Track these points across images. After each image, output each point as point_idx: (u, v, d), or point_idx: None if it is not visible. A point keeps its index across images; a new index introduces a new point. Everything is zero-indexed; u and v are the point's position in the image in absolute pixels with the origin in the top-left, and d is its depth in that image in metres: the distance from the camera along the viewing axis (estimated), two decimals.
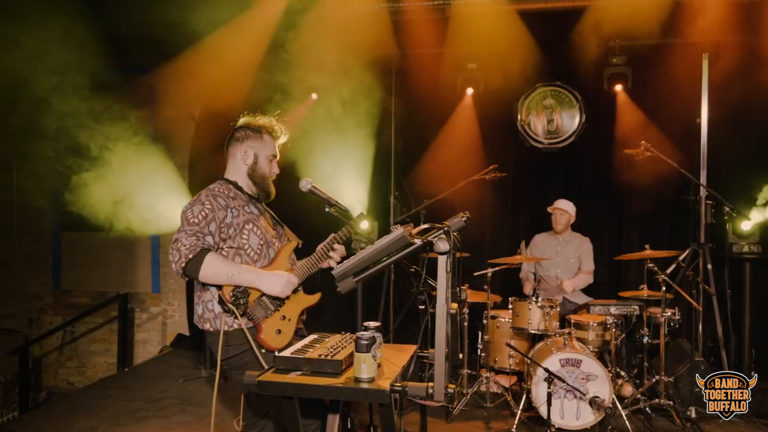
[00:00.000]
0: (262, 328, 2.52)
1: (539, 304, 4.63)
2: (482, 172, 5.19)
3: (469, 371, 5.04)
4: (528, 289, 5.46)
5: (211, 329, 2.54)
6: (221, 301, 2.46)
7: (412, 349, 2.20)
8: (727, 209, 4.87)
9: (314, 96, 6.08)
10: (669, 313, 4.62)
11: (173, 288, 7.13)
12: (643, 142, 4.79)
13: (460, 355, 2.17)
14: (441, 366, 1.86)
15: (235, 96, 5.51)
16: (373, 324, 2.12)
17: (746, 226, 5.27)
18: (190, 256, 2.38)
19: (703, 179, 5.33)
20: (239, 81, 5.98)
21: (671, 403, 4.47)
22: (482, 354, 5.06)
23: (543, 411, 4.17)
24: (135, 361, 7.07)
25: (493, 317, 5.04)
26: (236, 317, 2.46)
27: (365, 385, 1.90)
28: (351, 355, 2.04)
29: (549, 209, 5.47)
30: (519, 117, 6.13)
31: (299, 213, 4.26)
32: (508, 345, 4.61)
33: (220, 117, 5.40)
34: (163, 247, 7.09)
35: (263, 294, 2.53)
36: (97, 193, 5.42)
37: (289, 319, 2.59)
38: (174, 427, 4.47)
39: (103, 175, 5.41)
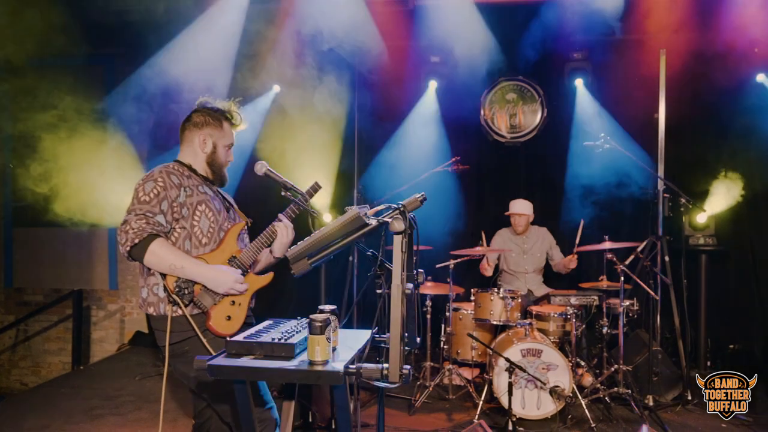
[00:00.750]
0: (210, 315, 2.45)
1: (501, 295, 4.66)
2: (445, 164, 5.19)
3: (432, 364, 5.05)
4: (488, 272, 5.44)
5: (155, 314, 2.45)
6: (166, 290, 2.38)
7: (368, 333, 2.16)
8: (683, 201, 4.97)
9: (277, 88, 6.00)
10: (627, 303, 4.70)
11: (131, 285, 6.94)
12: (602, 134, 4.86)
13: (418, 339, 2.14)
14: (396, 347, 1.83)
15: (193, 86, 5.41)
16: (328, 307, 2.07)
17: (702, 218, 5.40)
18: (136, 241, 2.30)
19: (661, 173, 5.44)
20: (199, 71, 5.87)
21: (629, 391, 4.55)
22: (445, 346, 5.06)
23: (504, 401, 4.19)
24: (92, 360, 6.86)
25: (456, 309, 5.05)
26: (180, 307, 2.38)
27: (319, 368, 1.85)
28: (306, 339, 1.99)
29: (507, 213, 5.50)
30: (482, 111, 6.16)
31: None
32: (470, 335, 4.62)
33: (178, 107, 5.31)
34: None
35: None
36: (51, 186, 5.25)
37: (240, 304, 2.53)
38: (130, 424, 4.33)
39: (59, 168, 5.24)
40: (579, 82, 5.85)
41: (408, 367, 1.85)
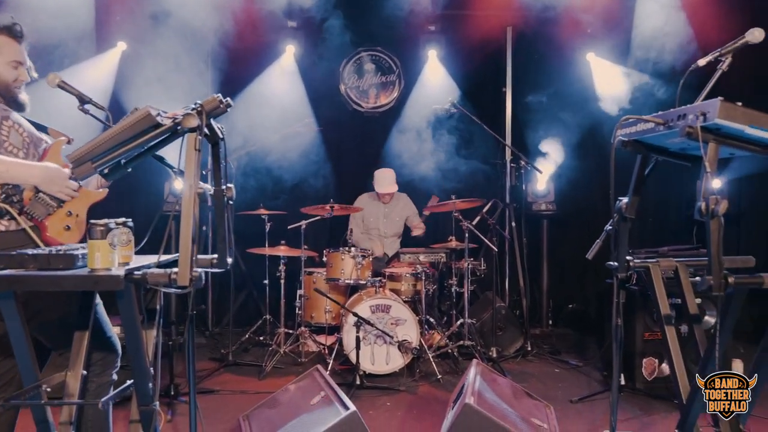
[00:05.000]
0: (46, 227, 2.21)
1: (352, 255, 4.65)
2: (297, 124, 5.10)
3: (286, 330, 4.94)
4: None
5: None
6: None
7: (172, 256, 2.00)
8: (523, 163, 5.26)
9: (122, 45, 5.56)
10: (472, 259, 4.89)
11: None
12: (450, 98, 5.02)
13: (229, 260, 2.03)
14: (187, 249, 1.69)
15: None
16: (121, 220, 1.90)
17: (541, 184, 5.78)
18: None
19: (508, 141, 5.74)
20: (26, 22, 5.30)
21: (474, 343, 4.74)
22: (299, 312, 4.97)
23: (352, 356, 4.18)
24: None
25: (310, 273, 4.98)
26: (12, 217, 2.09)
27: (98, 273, 1.68)
28: None
29: (381, 193, 5.52)
30: (341, 81, 6.15)
31: None
32: (316, 290, 4.57)
33: None
34: None
35: (40, 189, 2.23)
36: None
37: (77, 215, 2.32)
38: None
39: None
40: (432, 53, 6.02)
41: (199, 270, 1.72)
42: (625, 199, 2.13)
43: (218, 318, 5.92)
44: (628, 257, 2.17)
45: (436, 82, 6.08)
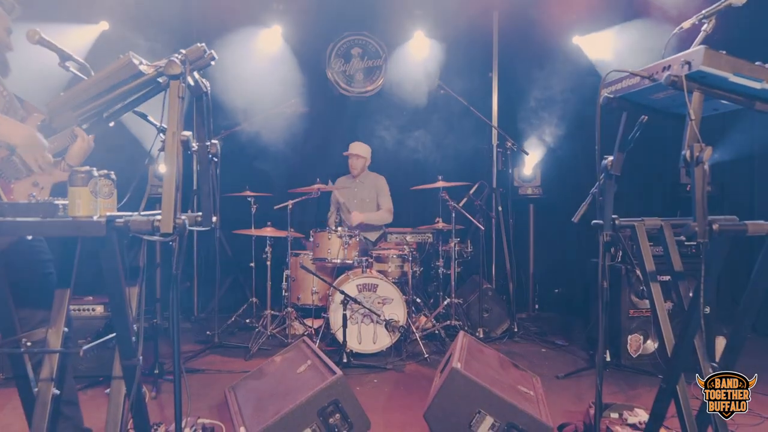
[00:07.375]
0: (12, 190, 2.22)
1: (338, 234, 4.63)
2: (282, 105, 5.07)
3: (272, 312, 4.91)
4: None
5: None
6: None
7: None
8: (509, 144, 5.27)
9: (104, 24, 5.48)
10: (458, 240, 4.89)
11: None
12: (439, 81, 5.02)
13: (214, 218, 2.00)
14: (170, 196, 1.67)
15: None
16: (103, 171, 1.87)
17: (528, 169, 5.79)
18: None
19: (494, 124, 5.76)
20: None
21: (460, 323, 4.74)
22: (286, 294, 4.95)
23: (339, 335, 4.17)
24: None
25: (296, 255, 4.95)
26: None
27: (80, 219, 1.65)
28: None
29: (345, 154, 5.53)
30: (328, 66, 6.13)
31: None
32: (303, 267, 4.55)
33: None
34: None
35: (14, 153, 2.21)
36: None
37: (43, 188, 2.34)
38: None
39: None
40: (419, 34, 6.01)
41: (184, 217, 1.70)
42: (610, 157, 2.14)
43: (204, 304, 5.86)
44: (613, 215, 2.18)
45: (422, 65, 6.06)
